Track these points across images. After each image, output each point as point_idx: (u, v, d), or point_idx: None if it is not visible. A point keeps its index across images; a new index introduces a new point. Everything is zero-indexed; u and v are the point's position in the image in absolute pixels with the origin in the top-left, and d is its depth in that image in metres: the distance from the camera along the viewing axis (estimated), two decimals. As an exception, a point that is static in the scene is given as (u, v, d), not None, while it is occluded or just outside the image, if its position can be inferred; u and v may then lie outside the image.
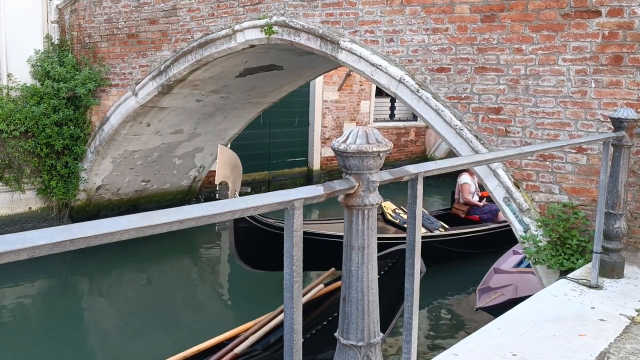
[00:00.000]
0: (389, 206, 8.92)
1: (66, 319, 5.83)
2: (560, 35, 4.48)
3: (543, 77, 4.60)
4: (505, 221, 8.70)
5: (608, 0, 4.23)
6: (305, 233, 6.18)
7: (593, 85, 4.37)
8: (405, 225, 7.62)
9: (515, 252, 6.95)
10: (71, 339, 6.36)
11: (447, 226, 9.03)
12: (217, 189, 6.93)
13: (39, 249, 0.97)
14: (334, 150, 1.60)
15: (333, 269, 6.06)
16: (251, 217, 6.39)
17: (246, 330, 4.98)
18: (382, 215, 8.62)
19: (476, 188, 9.61)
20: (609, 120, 3.99)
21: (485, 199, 10.06)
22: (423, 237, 6.88)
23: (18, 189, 9.01)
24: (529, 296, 5.59)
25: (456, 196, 9.73)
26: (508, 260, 6.83)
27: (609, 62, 4.28)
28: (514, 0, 4.69)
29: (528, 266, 6.25)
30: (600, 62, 4.32)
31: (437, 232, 8.48)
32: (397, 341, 6.02)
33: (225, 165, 6.92)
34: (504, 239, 8.42)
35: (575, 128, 4.48)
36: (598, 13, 4.29)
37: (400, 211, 8.94)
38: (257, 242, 6.76)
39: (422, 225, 7.77)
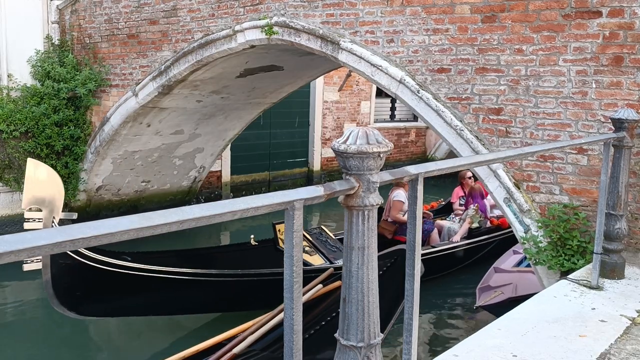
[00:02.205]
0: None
1: (65, 319, 5.82)
2: (561, 35, 4.47)
3: (544, 77, 4.59)
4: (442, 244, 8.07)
5: (609, 0, 4.23)
6: (235, 275, 5.77)
7: (594, 85, 4.37)
8: (307, 255, 6.65)
9: (515, 252, 6.96)
10: (70, 338, 6.36)
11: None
12: (26, 216, 4.89)
13: (39, 249, 0.97)
14: (334, 151, 1.60)
15: (331, 269, 6.06)
16: (76, 251, 5.34)
17: (245, 331, 4.98)
18: (272, 242, 7.21)
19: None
20: (609, 121, 3.99)
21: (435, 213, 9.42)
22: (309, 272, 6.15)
23: (18, 190, 9.01)
24: (528, 295, 5.59)
25: (385, 213, 8.29)
26: (508, 260, 6.84)
27: (610, 62, 4.28)
28: (514, 1, 4.69)
29: (528, 266, 6.26)
30: (601, 63, 4.32)
31: (337, 263, 6.79)
32: (397, 342, 6.01)
33: (36, 185, 5.06)
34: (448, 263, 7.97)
35: (576, 129, 4.48)
36: (599, 14, 4.29)
37: (306, 234, 7.27)
38: (87, 281, 5.60)
39: (320, 253, 7.09)
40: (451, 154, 6.27)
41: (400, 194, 8.14)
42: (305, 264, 6.67)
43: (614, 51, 4.26)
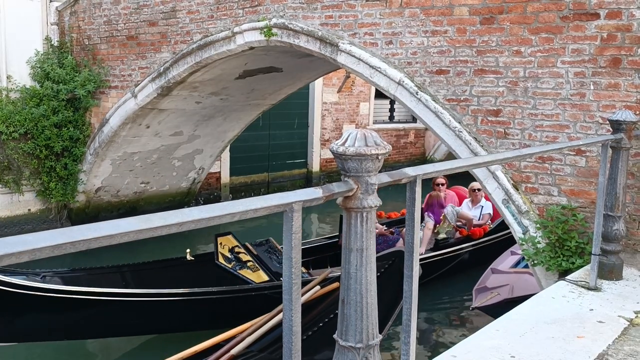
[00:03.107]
0: (228, 242, 6.68)
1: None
2: (559, 37, 4.49)
3: (542, 79, 4.61)
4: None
5: (607, 2, 4.25)
6: (159, 294, 5.44)
7: (592, 87, 4.38)
8: (241, 273, 6.24)
9: (513, 253, 6.97)
10: (70, 340, 6.35)
11: (305, 271, 6.90)
12: None
13: (39, 251, 0.98)
14: (332, 152, 1.61)
15: (329, 270, 6.07)
16: None
17: (243, 332, 4.99)
18: (211, 256, 6.62)
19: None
20: (607, 122, 4.00)
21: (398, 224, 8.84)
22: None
23: (17, 191, 9.02)
24: (525, 296, 5.61)
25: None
26: (506, 261, 6.84)
27: (608, 64, 4.29)
28: (512, 3, 4.71)
29: (526, 267, 6.27)
30: (599, 65, 4.33)
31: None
32: (395, 342, 6.02)
33: None
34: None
35: (574, 130, 4.49)
36: (597, 15, 4.30)
37: (242, 251, 6.63)
38: None
39: (265, 268, 6.40)
40: (450, 155, 6.19)
41: None
42: (246, 280, 6.22)
43: (611, 53, 4.27)
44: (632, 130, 3.88)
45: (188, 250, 6.63)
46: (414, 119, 15.76)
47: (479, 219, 8.77)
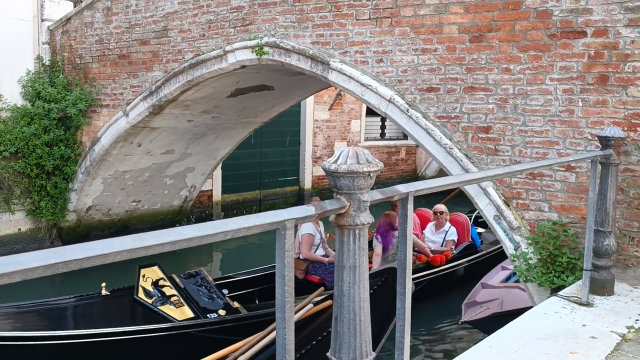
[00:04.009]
0: (152, 274, 6.09)
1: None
2: (547, 55, 4.54)
3: (531, 96, 4.65)
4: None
5: (593, 21, 4.31)
6: (67, 337, 4.91)
7: (580, 104, 4.43)
8: (161, 309, 5.60)
9: (503, 268, 6.98)
10: None
11: (237, 306, 6.10)
12: None
13: (31, 271, 0.98)
14: (325, 170, 1.62)
15: (322, 288, 6.04)
16: None
17: (235, 350, 4.95)
18: (130, 290, 6.02)
19: (322, 239, 7.27)
20: (596, 138, 4.04)
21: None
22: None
23: (7, 210, 8.96)
24: (514, 310, 5.61)
25: (296, 251, 7.10)
26: (496, 276, 6.85)
27: (596, 81, 4.35)
28: (501, 21, 4.77)
29: (516, 281, 6.27)
30: (587, 82, 4.39)
31: (211, 318, 5.77)
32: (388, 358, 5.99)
33: None
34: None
35: (564, 146, 4.53)
36: (584, 33, 4.37)
37: (167, 284, 6.01)
38: None
39: (192, 304, 5.75)
40: (441, 172, 6.15)
41: (307, 227, 7.04)
42: (166, 318, 5.59)
43: (599, 70, 4.33)
44: (621, 146, 3.92)
45: (104, 284, 6.01)
46: (405, 136, 15.81)
47: (442, 245, 8.11)
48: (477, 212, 10.53)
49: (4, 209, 8.90)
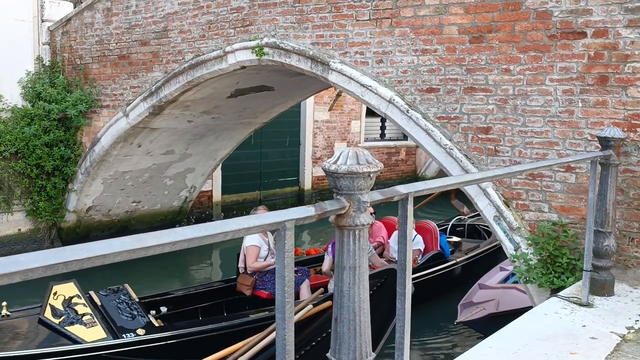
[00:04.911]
0: (65, 291, 5.49)
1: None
2: (547, 55, 4.55)
3: (531, 97, 4.66)
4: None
5: (593, 22, 4.32)
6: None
7: (580, 105, 4.43)
8: (69, 330, 4.98)
9: (502, 269, 6.98)
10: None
11: (160, 325, 5.56)
12: None
13: (32, 271, 0.98)
14: (324, 171, 1.62)
15: (322, 289, 6.03)
16: None
17: (235, 352, 4.95)
18: (36, 310, 5.46)
19: (270, 249, 6.54)
20: (596, 139, 4.04)
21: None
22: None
23: (7, 211, 8.96)
24: (510, 311, 5.60)
25: (240, 264, 6.64)
26: (494, 277, 6.85)
27: (595, 82, 4.35)
28: (501, 22, 4.77)
29: (514, 282, 6.26)
30: (587, 82, 4.39)
31: (125, 338, 5.22)
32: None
33: None
34: None
35: (564, 147, 4.53)
36: (584, 34, 4.37)
37: (81, 302, 5.45)
38: None
39: (106, 324, 5.25)
40: (441, 173, 6.09)
41: (252, 238, 6.42)
42: (74, 339, 5.06)
43: (599, 71, 4.33)
44: (621, 147, 3.92)
45: (4, 304, 5.46)
46: (405, 137, 15.83)
47: None
48: (454, 220, 10.41)
49: (4, 210, 8.91)
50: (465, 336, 6.94)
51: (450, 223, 10.32)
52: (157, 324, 5.49)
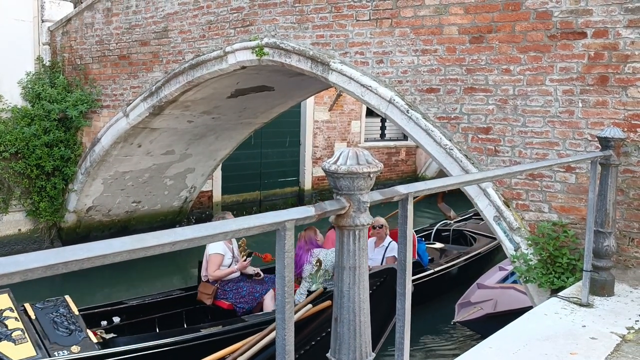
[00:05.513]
0: None
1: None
2: (547, 56, 4.55)
3: (531, 97, 4.65)
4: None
5: (593, 22, 4.31)
6: None
7: (580, 105, 4.43)
8: (9, 345, 4.31)
9: (501, 269, 6.97)
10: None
11: (98, 341, 5.01)
12: None
13: (32, 271, 0.98)
14: (324, 171, 1.62)
15: (321, 288, 6.03)
16: None
17: (235, 351, 4.95)
18: None
19: (234, 256, 6.25)
20: (596, 139, 4.04)
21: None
22: None
23: (7, 211, 8.96)
24: (508, 311, 5.60)
25: (203, 272, 6.29)
26: (493, 277, 6.85)
27: (595, 82, 4.35)
28: (501, 22, 4.77)
29: (513, 282, 6.26)
30: (587, 83, 4.39)
31: (60, 356, 4.73)
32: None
33: None
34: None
35: (564, 147, 4.53)
36: (584, 34, 4.37)
37: (14, 315, 4.95)
38: None
39: (37, 340, 4.73)
40: (441, 173, 6.04)
41: (217, 246, 6.08)
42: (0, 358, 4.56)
43: (599, 71, 4.33)
44: (621, 147, 3.92)
45: None
46: (405, 137, 15.83)
47: (381, 262, 7.05)
48: (439, 225, 9.84)
49: (4, 210, 8.91)
50: (465, 336, 6.94)
51: (435, 228, 9.82)
52: (95, 340, 4.98)
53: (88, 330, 5.07)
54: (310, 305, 5.40)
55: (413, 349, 6.70)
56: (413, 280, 7.54)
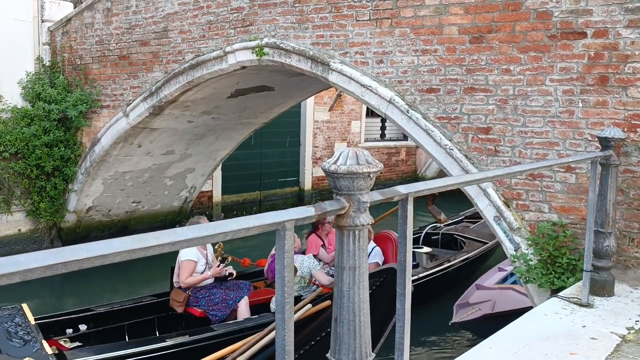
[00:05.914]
0: None
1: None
2: (547, 56, 4.54)
3: (531, 97, 4.65)
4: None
5: (593, 22, 4.31)
6: None
7: (580, 105, 4.43)
8: None
9: (500, 269, 6.97)
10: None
11: (53, 352, 4.69)
12: None
13: (31, 272, 0.98)
14: (324, 171, 1.62)
15: (321, 288, 6.03)
16: None
17: (234, 351, 4.95)
18: None
19: (208, 263, 6.00)
20: (596, 139, 4.04)
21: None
22: None
23: (7, 211, 8.96)
24: (506, 312, 5.60)
25: (175, 279, 6.02)
26: (492, 277, 6.84)
27: (595, 82, 4.35)
28: (501, 22, 4.77)
29: (513, 283, 6.26)
30: (587, 83, 4.39)
31: None
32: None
33: None
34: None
35: (564, 147, 4.53)
36: (584, 34, 4.37)
37: None
38: None
39: None
40: (441, 173, 5.99)
41: (190, 252, 5.83)
42: None
43: (599, 71, 4.33)
44: (621, 147, 3.92)
45: None
46: (405, 137, 15.82)
47: None
48: (428, 228, 9.56)
49: (4, 210, 8.91)
50: (464, 337, 6.94)
51: (424, 232, 9.43)
52: (51, 351, 4.66)
53: (44, 341, 4.73)
54: (310, 305, 5.40)
55: (414, 350, 6.70)
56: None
